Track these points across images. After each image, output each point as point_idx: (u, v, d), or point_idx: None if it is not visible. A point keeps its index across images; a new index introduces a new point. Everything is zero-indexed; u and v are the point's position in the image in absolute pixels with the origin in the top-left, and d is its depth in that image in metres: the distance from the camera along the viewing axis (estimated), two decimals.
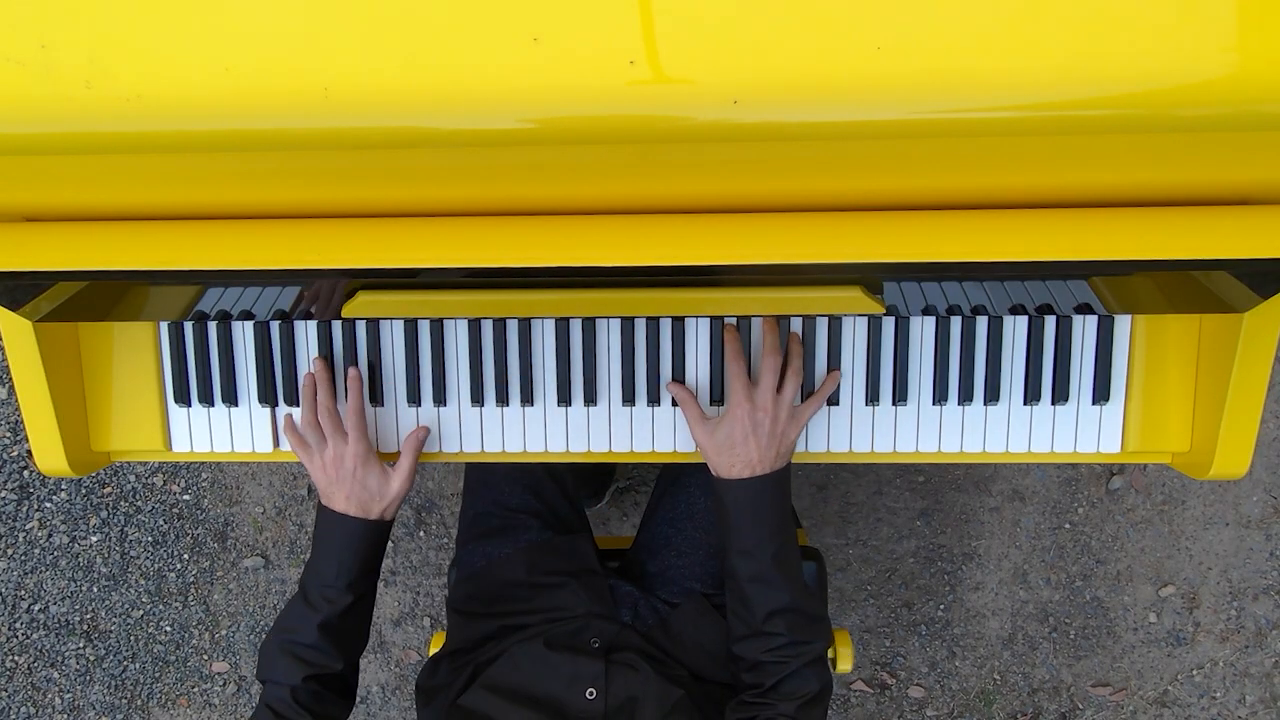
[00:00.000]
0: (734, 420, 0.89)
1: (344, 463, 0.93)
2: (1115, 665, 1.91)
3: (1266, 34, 0.59)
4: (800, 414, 0.91)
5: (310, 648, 0.90)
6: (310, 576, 0.93)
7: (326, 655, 0.91)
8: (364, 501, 0.93)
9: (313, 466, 0.95)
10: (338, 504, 0.93)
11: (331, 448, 0.94)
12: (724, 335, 0.95)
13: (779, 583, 0.88)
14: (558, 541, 1.11)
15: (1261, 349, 0.87)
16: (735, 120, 0.64)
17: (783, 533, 0.90)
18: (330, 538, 0.93)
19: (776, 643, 0.88)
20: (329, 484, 0.94)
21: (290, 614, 0.93)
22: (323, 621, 0.90)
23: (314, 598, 0.92)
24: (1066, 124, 0.63)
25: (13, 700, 1.99)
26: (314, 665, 0.90)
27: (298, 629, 0.91)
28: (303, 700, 0.89)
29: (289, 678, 0.90)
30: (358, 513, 0.93)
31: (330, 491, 0.94)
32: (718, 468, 0.91)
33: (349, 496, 0.93)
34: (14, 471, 1.93)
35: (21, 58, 0.63)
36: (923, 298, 0.88)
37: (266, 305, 0.91)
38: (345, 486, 0.93)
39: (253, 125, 0.65)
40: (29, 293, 0.83)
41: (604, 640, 0.98)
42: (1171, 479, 1.85)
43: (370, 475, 0.93)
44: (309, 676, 0.90)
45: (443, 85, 0.63)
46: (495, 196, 0.75)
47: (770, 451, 0.89)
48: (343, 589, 0.91)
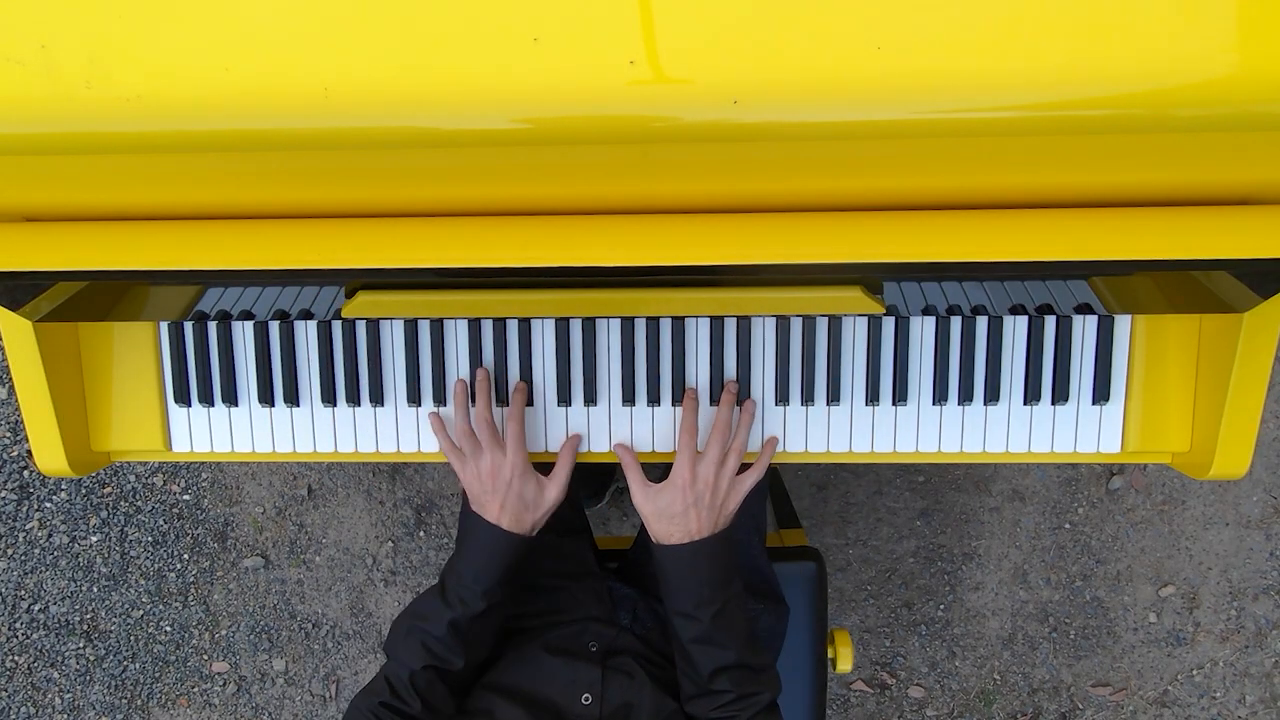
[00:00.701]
0: (675, 490, 0.90)
1: (501, 473, 0.92)
2: (1115, 665, 1.91)
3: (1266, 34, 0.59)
4: (739, 486, 0.92)
5: (438, 640, 0.91)
6: (450, 575, 0.93)
7: (450, 651, 0.91)
8: (519, 513, 0.92)
9: (465, 474, 0.94)
10: (490, 513, 0.92)
11: (489, 457, 0.93)
12: (684, 404, 0.95)
13: (722, 640, 0.89)
14: (557, 544, 1.11)
15: (1261, 349, 0.87)
16: (735, 120, 0.64)
17: (724, 590, 0.90)
18: (476, 544, 0.93)
19: (724, 699, 0.89)
20: (483, 493, 0.93)
21: (426, 602, 0.93)
22: (453, 619, 0.91)
23: (450, 595, 0.92)
24: (1066, 124, 0.63)
25: (13, 700, 1.99)
26: (436, 657, 0.91)
27: (429, 618, 0.92)
28: (419, 685, 0.90)
29: (412, 662, 0.90)
30: (510, 525, 0.92)
31: (483, 500, 0.93)
32: (656, 534, 0.92)
33: (504, 507, 0.92)
34: (14, 471, 1.93)
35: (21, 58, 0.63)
36: (923, 298, 0.88)
37: (266, 305, 0.91)
38: (500, 497, 0.92)
39: (253, 125, 0.65)
40: (29, 293, 0.83)
41: (601, 644, 0.99)
42: (1171, 479, 1.85)
43: (528, 486, 0.93)
44: (428, 666, 0.90)
45: (443, 85, 0.63)
46: (495, 196, 0.75)
47: (709, 521, 0.90)
48: (478, 595, 0.91)
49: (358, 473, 1.92)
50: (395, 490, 1.93)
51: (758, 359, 0.97)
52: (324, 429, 1.01)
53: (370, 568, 1.94)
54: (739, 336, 0.97)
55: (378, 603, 1.94)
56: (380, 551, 1.94)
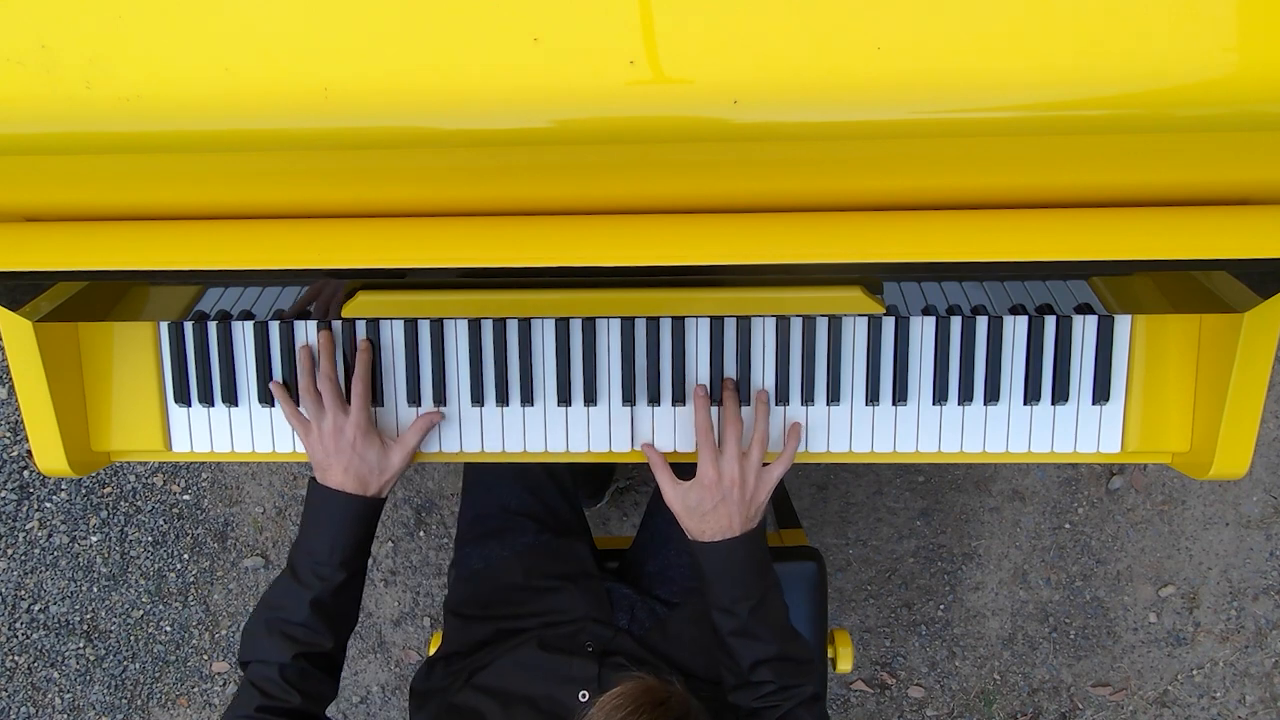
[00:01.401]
0: (703, 490, 0.90)
1: (344, 434, 0.91)
2: (1115, 665, 1.91)
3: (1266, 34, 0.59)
4: (766, 477, 0.92)
5: (301, 625, 0.88)
6: (300, 554, 0.91)
7: (317, 633, 0.89)
8: (362, 475, 0.91)
9: (309, 438, 0.93)
10: (333, 478, 0.91)
11: (331, 418, 0.91)
12: (694, 400, 0.94)
13: (762, 634, 0.90)
14: (555, 545, 1.11)
15: (1261, 349, 0.87)
16: (735, 120, 0.64)
17: (761, 586, 0.90)
18: (324, 514, 0.91)
19: (765, 690, 0.90)
20: (325, 456, 0.91)
21: (278, 591, 0.91)
22: (314, 599, 0.88)
23: (305, 575, 0.89)
24: (1066, 124, 0.63)
25: (13, 700, 1.99)
26: (304, 643, 0.88)
27: (286, 606, 0.89)
28: (291, 678, 0.87)
29: (278, 655, 0.87)
30: (355, 488, 0.90)
31: (326, 464, 0.91)
32: (690, 531, 0.92)
33: (346, 469, 0.90)
34: (14, 471, 1.93)
35: (21, 58, 0.63)
36: (923, 298, 0.88)
37: (266, 305, 0.91)
38: (344, 458, 0.90)
39: (253, 125, 0.65)
40: (29, 293, 0.83)
41: (598, 645, 0.98)
42: (1171, 479, 1.85)
43: (370, 449, 0.91)
44: (298, 655, 0.88)
45: (443, 85, 0.63)
46: (495, 196, 0.75)
47: (740, 516, 0.90)
48: (336, 566, 0.89)
49: None
50: (395, 490, 1.93)
51: (758, 359, 0.97)
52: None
53: (370, 568, 1.94)
54: (739, 336, 0.97)
55: (378, 603, 1.94)
56: (380, 551, 1.94)
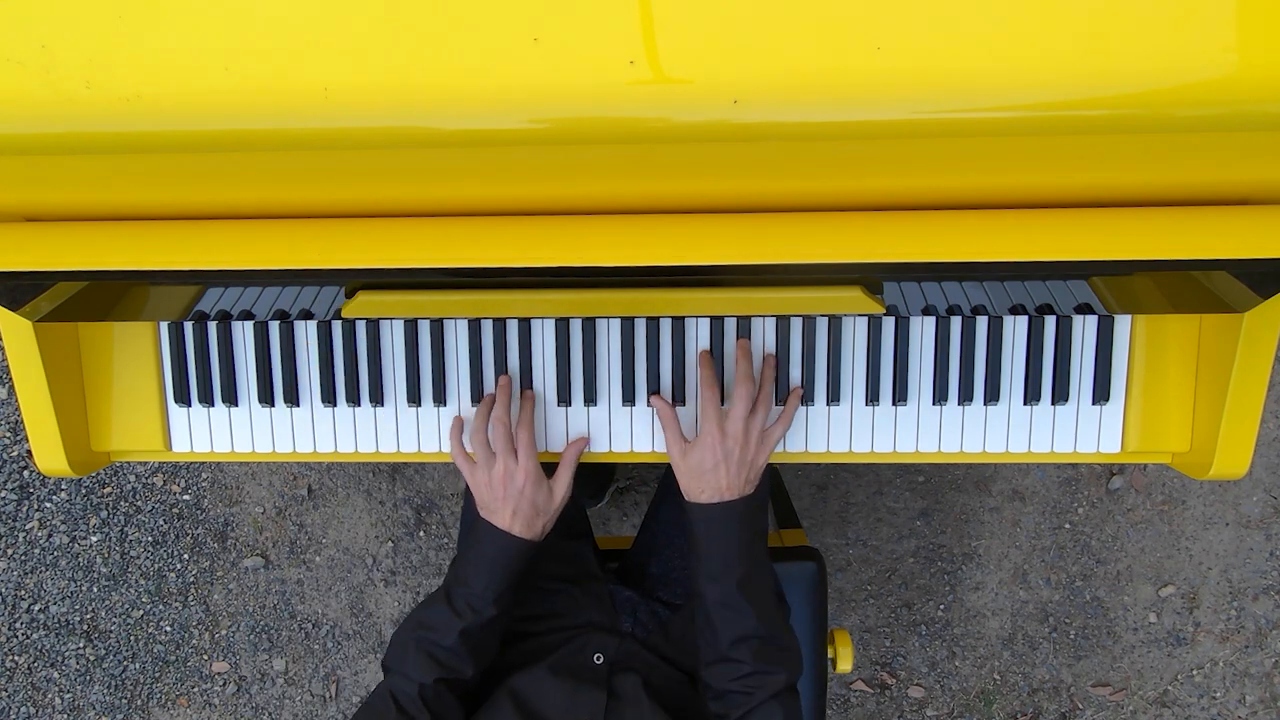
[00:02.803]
0: (705, 447, 0.90)
1: (514, 480, 0.92)
2: (1115, 665, 1.91)
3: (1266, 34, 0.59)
4: (768, 439, 0.92)
5: (448, 650, 0.90)
6: (457, 583, 0.93)
7: (462, 661, 0.91)
8: (530, 519, 0.93)
9: (475, 480, 0.94)
10: (501, 520, 0.93)
11: (501, 464, 0.93)
12: (699, 361, 0.95)
13: (745, 609, 0.88)
14: (559, 546, 1.11)
15: (1261, 349, 0.87)
16: (735, 120, 0.64)
17: (750, 559, 0.90)
18: (487, 552, 0.93)
19: (741, 670, 0.88)
20: (495, 499, 0.93)
21: (432, 613, 0.92)
22: (465, 629, 0.90)
23: (459, 604, 0.91)
24: (1066, 124, 0.63)
25: (13, 700, 1.99)
26: (448, 668, 0.90)
27: (438, 629, 0.91)
28: (428, 699, 0.89)
29: (421, 675, 0.89)
30: (522, 531, 0.92)
31: (495, 507, 0.93)
32: (688, 491, 0.91)
33: (515, 513, 0.92)
34: (14, 471, 1.93)
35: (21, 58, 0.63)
36: (923, 298, 0.88)
37: (266, 305, 0.91)
38: (513, 503, 0.92)
39: (253, 125, 0.65)
40: (29, 293, 0.83)
41: (607, 655, 0.98)
42: (1171, 479, 1.85)
43: (540, 492, 0.93)
44: (440, 679, 0.90)
45: (443, 85, 0.63)
46: (495, 196, 0.75)
47: (740, 478, 0.89)
48: (490, 602, 0.91)
49: (358, 473, 1.92)
50: (395, 490, 1.93)
51: (757, 359, 0.97)
52: (324, 429, 1.01)
53: (370, 568, 1.94)
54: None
55: (378, 603, 1.94)
56: (380, 551, 1.94)
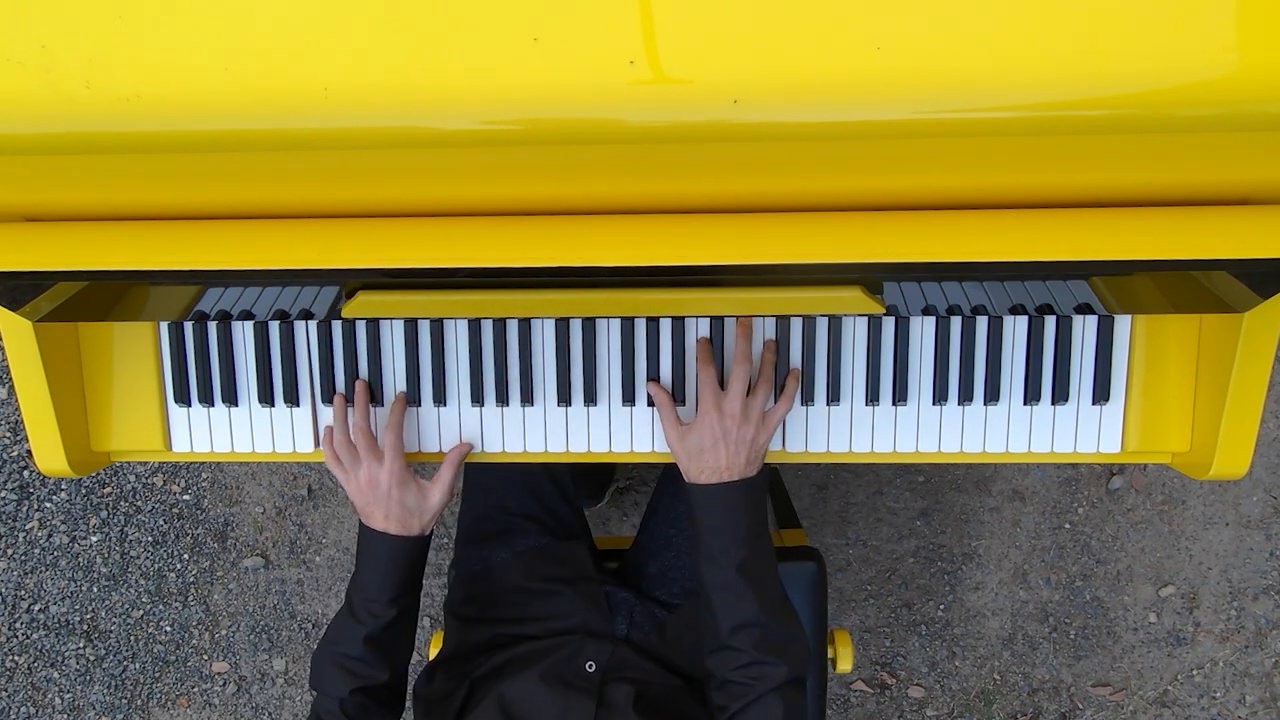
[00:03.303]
0: (702, 427, 0.89)
1: (379, 484, 0.93)
2: (1115, 665, 1.91)
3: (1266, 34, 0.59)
4: (769, 419, 0.91)
5: (357, 659, 0.91)
6: (355, 590, 0.94)
7: (372, 667, 0.92)
8: (403, 519, 0.93)
9: (349, 486, 0.95)
10: (376, 522, 0.93)
11: (366, 468, 0.94)
12: (697, 344, 0.95)
13: (746, 594, 0.86)
14: (555, 547, 1.11)
15: (1261, 349, 0.87)
16: (735, 120, 0.64)
17: (752, 542, 0.88)
18: (371, 555, 0.94)
19: (741, 660, 0.86)
20: (366, 503, 0.94)
21: (337, 626, 0.94)
22: (367, 635, 0.91)
23: (359, 612, 0.93)
24: (1066, 124, 0.63)
25: (13, 700, 1.99)
26: (360, 677, 0.91)
27: (343, 641, 0.92)
28: (350, 712, 0.90)
29: (337, 690, 0.91)
30: (397, 530, 0.93)
31: (369, 510, 0.94)
32: (688, 473, 0.91)
33: (388, 515, 0.93)
34: (14, 471, 1.93)
35: (21, 58, 0.63)
36: (923, 298, 0.88)
37: (266, 305, 0.91)
38: (383, 506, 0.93)
39: (253, 125, 0.65)
40: (29, 293, 0.83)
41: (599, 663, 0.98)
42: (1171, 479, 1.85)
43: (408, 494, 0.94)
44: (355, 689, 0.91)
45: (443, 85, 0.63)
46: (495, 196, 0.75)
47: (739, 458, 0.88)
48: (385, 603, 0.92)
49: None
50: None
51: (757, 359, 0.97)
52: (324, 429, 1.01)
53: None
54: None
55: None
56: None
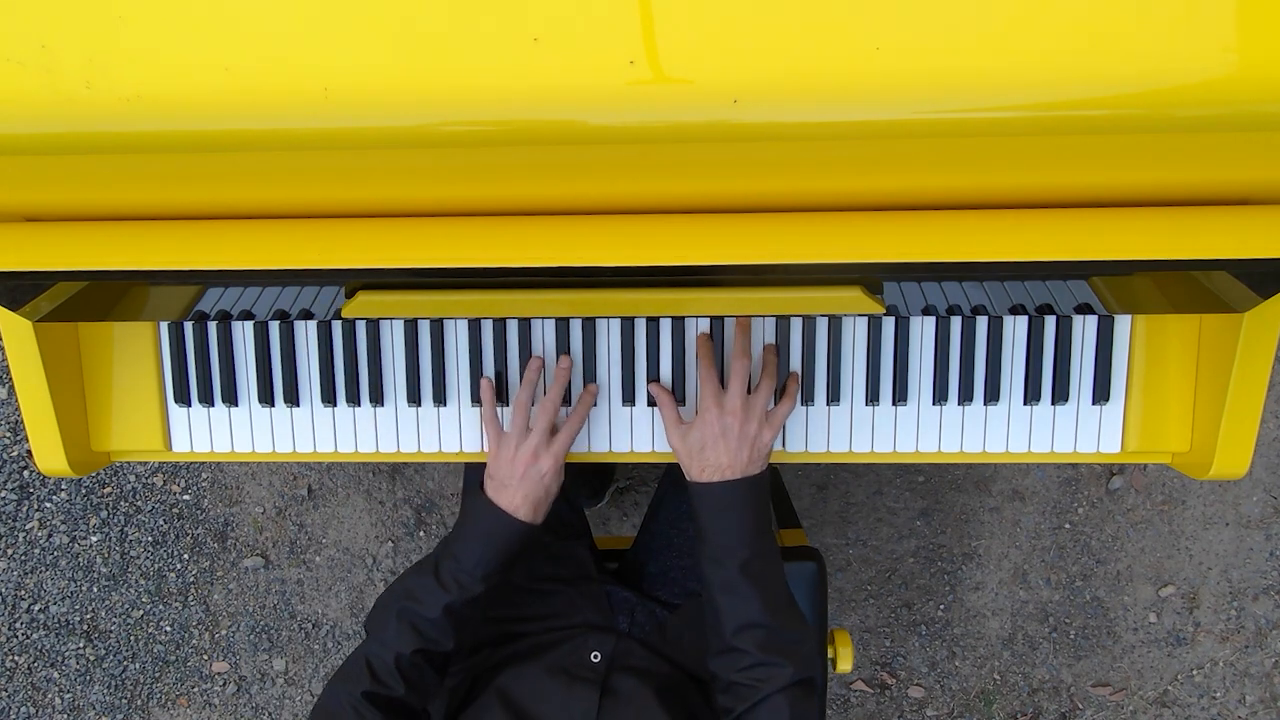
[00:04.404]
0: (703, 424, 0.88)
1: (539, 463, 0.90)
2: (1115, 665, 1.91)
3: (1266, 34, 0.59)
4: (773, 417, 0.90)
5: (430, 623, 0.88)
6: (446, 556, 0.91)
7: (443, 633, 0.89)
8: (537, 506, 0.91)
9: (499, 451, 0.92)
10: (506, 499, 0.90)
11: (532, 443, 0.91)
12: (697, 341, 0.95)
13: (749, 595, 0.85)
14: (555, 547, 1.11)
15: (1261, 349, 0.87)
16: (735, 120, 0.64)
17: (756, 543, 0.87)
18: (483, 529, 0.90)
19: (745, 661, 0.84)
20: (510, 477, 0.91)
21: (417, 583, 0.90)
22: (449, 604, 0.88)
23: (446, 578, 0.89)
24: (1066, 124, 0.63)
25: (13, 700, 1.99)
26: (428, 640, 0.88)
27: (423, 601, 0.89)
28: (404, 669, 0.87)
29: (399, 645, 0.88)
30: (526, 516, 0.90)
31: (507, 485, 0.91)
32: (689, 471, 0.90)
33: (526, 496, 0.90)
34: (14, 471, 1.93)
35: (21, 58, 0.63)
36: (923, 298, 0.88)
37: (266, 305, 0.91)
38: (528, 486, 0.90)
39: (253, 125, 0.65)
40: (29, 293, 0.83)
41: (604, 654, 0.98)
42: (1171, 479, 1.85)
43: (556, 482, 0.92)
44: (418, 650, 0.88)
45: (443, 85, 0.63)
46: (495, 196, 0.75)
47: (741, 456, 0.87)
48: (479, 579, 0.89)
49: (358, 473, 1.92)
50: (395, 490, 1.93)
51: (757, 359, 0.97)
52: (324, 429, 1.01)
53: (370, 568, 1.94)
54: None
55: None
56: (380, 551, 1.94)
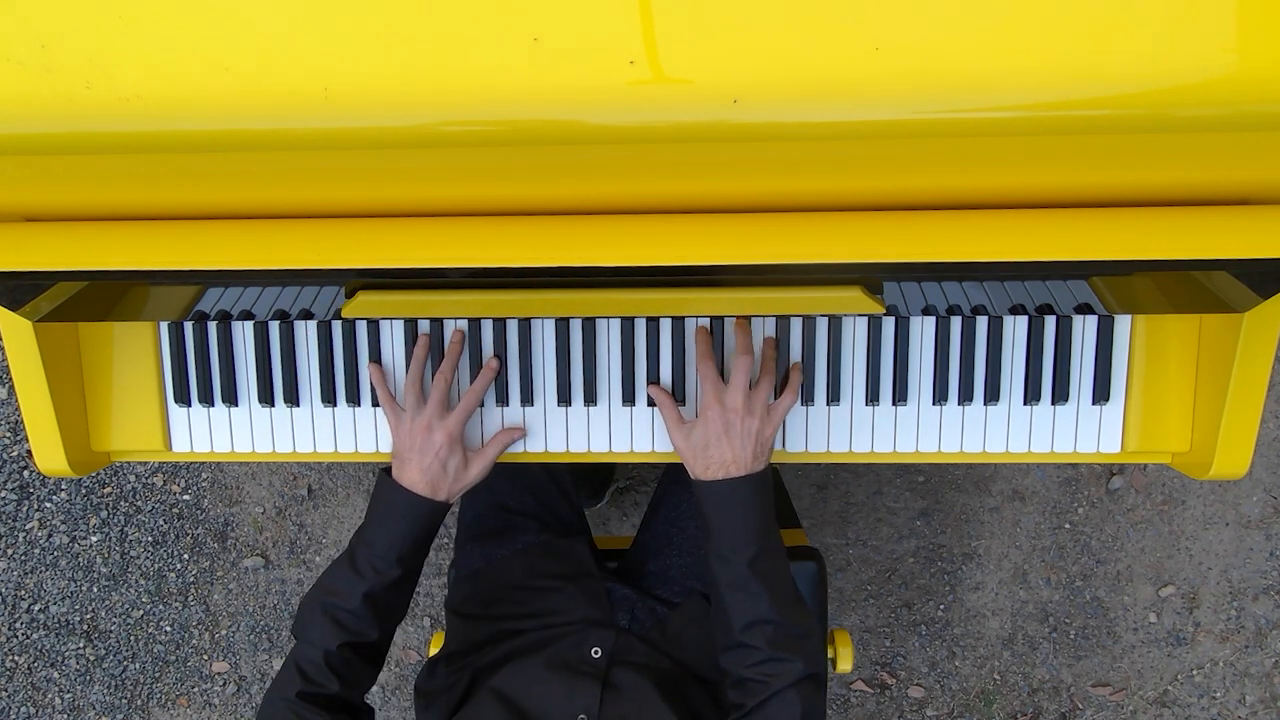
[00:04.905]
0: (706, 422, 0.88)
1: (433, 435, 0.91)
2: (1115, 665, 1.91)
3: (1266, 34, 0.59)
4: (774, 412, 0.90)
5: (351, 614, 0.89)
6: (360, 544, 0.91)
7: (365, 624, 0.89)
8: (436, 480, 0.91)
9: (397, 429, 0.93)
10: (407, 476, 0.91)
11: (427, 415, 0.91)
12: (695, 336, 0.94)
13: (757, 591, 0.85)
14: (555, 545, 1.11)
15: (1261, 349, 0.87)
16: (735, 120, 0.64)
17: (762, 539, 0.87)
18: (389, 509, 0.91)
19: (755, 657, 0.85)
20: (408, 450, 0.91)
21: (335, 576, 0.91)
22: (368, 591, 0.89)
23: (362, 565, 0.90)
24: (1066, 124, 0.63)
25: (13, 700, 1.99)
26: (351, 632, 0.89)
27: (340, 593, 0.89)
28: (334, 665, 0.88)
29: (325, 641, 0.88)
30: (425, 491, 0.90)
31: (406, 458, 0.91)
32: (694, 470, 0.90)
33: (424, 471, 0.90)
34: (14, 471, 1.93)
35: (21, 58, 0.63)
36: (923, 298, 0.88)
37: (266, 305, 0.91)
38: (424, 459, 0.91)
39: (253, 125, 0.65)
40: (29, 293, 0.83)
41: (605, 649, 0.98)
42: (1171, 479, 1.85)
43: (453, 458, 0.92)
44: (344, 643, 0.88)
45: (442, 85, 0.63)
46: (495, 196, 0.75)
47: (745, 452, 0.87)
48: (393, 562, 0.90)
49: (358, 473, 1.92)
50: None
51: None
52: (324, 429, 1.01)
53: None
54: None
55: None
56: None
